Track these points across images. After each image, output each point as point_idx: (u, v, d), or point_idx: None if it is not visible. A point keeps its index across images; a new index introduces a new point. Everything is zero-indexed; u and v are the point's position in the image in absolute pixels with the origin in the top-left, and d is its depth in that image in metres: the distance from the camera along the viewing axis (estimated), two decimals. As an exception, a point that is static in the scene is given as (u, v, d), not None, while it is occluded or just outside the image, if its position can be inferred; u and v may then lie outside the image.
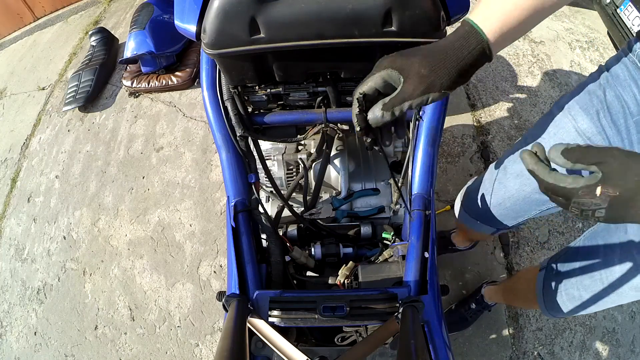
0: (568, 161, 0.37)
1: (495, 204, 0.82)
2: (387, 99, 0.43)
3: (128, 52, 2.08)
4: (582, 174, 0.41)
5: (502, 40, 0.45)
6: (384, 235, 0.83)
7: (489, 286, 1.34)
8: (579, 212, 0.38)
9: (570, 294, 0.79)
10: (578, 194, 0.37)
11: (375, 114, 0.44)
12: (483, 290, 1.35)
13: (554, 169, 0.39)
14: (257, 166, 0.81)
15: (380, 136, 0.49)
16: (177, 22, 0.65)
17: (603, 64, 0.65)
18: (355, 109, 0.45)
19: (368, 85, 0.44)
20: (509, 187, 0.76)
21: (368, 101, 0.45)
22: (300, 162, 0.88)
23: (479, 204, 0.86)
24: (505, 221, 0.86)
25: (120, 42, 2.60)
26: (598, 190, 0.35)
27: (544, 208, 0.75)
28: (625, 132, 0.60)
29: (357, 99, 0.45)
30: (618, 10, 1.84)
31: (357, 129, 0.46)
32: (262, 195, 0.99)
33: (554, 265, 0.85)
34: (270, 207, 0.99)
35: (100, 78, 2.35)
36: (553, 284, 0.83)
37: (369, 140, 0.47)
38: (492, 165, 0.83)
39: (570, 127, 0.64)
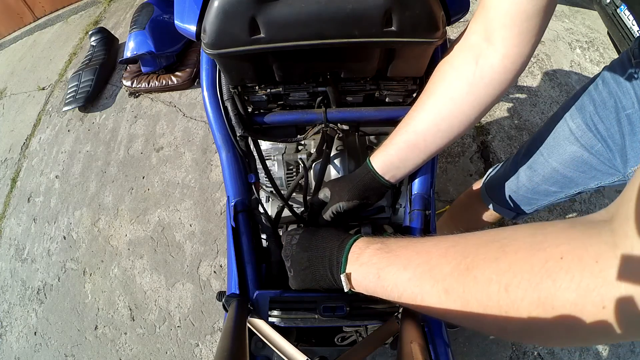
0: None
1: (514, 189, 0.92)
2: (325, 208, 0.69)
3: (128, 52, 2.09)
4: None
5: (392, 170, 0.63)
6: (384, 235, 0.82)
7: None
8: None
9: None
10: None
11: (325, 217, 0.69)
12: None
13: None
14: (257, 166, 0.81)
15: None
16: (177, 22, 0.65)
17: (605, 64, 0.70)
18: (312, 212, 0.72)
19: (316, 198, 0.71)
20: (520, 177, 0.87)
21: (318, 206, 0.70)
22: (300, 162, 0.88)
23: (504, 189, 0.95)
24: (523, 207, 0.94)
25: (120, 42, 2.60)
26: None
27: (553, 198, 0.85)
28: (616, 125, 0.65)
29: (312, 204, 0.71)
30: (618, 11, 1.84)
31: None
32: (262, 195, 0.99)
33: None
34: (270, 207, 0.99)
35: (100, 78, 2.36)
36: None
37: None
38: (514, 156, 0.93)
39: (565, 130, 0.73)
